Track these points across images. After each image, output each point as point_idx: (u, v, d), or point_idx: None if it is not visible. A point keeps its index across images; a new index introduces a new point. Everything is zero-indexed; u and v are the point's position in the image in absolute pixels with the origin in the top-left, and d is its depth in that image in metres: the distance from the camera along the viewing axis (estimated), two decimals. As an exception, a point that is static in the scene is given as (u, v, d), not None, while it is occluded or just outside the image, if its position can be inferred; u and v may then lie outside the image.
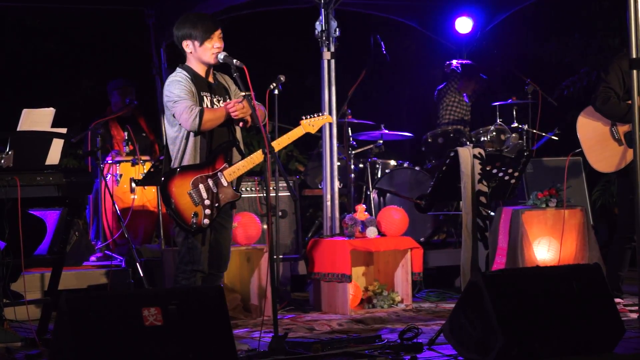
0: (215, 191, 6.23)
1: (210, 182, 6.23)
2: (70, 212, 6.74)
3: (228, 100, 6.36)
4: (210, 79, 6.39)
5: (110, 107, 9.51)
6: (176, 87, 6.21)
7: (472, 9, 10.55)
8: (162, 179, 6.26)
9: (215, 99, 6.35)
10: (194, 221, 6.17)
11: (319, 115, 6.59)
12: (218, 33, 6.30)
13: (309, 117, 6.55)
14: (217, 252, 6.39)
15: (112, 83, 9.59)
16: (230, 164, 6.29)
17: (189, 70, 6.30)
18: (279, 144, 6.39)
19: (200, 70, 6.33)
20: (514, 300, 5.59)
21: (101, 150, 8.79)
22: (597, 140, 7.57)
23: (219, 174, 6.25)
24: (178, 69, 6.34)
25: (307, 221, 10.64)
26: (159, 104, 9.98)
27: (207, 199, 6.21)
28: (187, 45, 6.31)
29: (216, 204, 6.24)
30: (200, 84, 6.31)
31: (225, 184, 6.26)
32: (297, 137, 6.52)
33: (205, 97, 6.30)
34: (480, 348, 5.56)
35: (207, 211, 6.20)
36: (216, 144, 6.30)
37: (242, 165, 6.30)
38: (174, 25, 6.39)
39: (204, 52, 6.28)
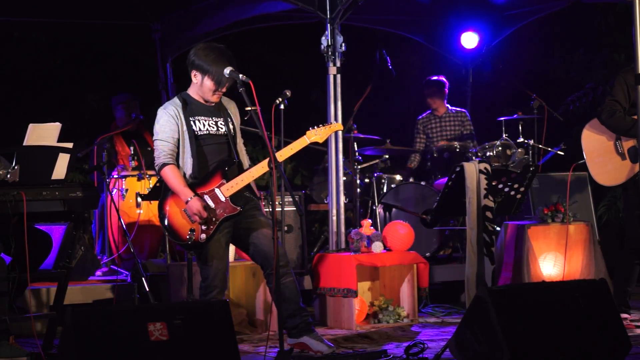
0: (212, 207, 6.35)
1: (206, 198, 6.36)
2: (76, 226, 6.75)
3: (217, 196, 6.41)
4: (211, 103, 6.50)
5: (115, 122, 9.51)
6: (162, 124, 6.41)
7: (477, 24, 10.54)
8: (159, 199, 6.43)
9: (212, 121, 6.48)
10: (191, 237, 6.31)
11: (324, 125, 6.61)
12: None
13: (315, 127, 6.59)
14: (261, 253, 6.48)
15: (116, 98, 9.60)
16: (228, 179, 6.40)
17: (188, 98, 6.45)
18: (282, 155, 6.45)
19: (200, 98, 6.49)
20: (520, 315, 5.59)
21: (107, 164, 8.80)
22: (600, 152, 7.56)
23: (215, 190, 6.39)
24: (176, 99, 6.48)
25: (313, 236, 10.64)
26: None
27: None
28: (195, 76, 6.44)
29: (213, 219, 6.36)
30: (197, 110, 6.46)
31: (223, 199, 6.39)
32: (301, 148, 6.56)
33: (197, 122, 6.42)
34: (486, 363, 5.56)
35: (204, 227, 6.34)
36: (213, 162, 6.45)
37: (241, 180, 6.45)
38: (177, 39, 6.41)
39: (209, 92, 6.43)
